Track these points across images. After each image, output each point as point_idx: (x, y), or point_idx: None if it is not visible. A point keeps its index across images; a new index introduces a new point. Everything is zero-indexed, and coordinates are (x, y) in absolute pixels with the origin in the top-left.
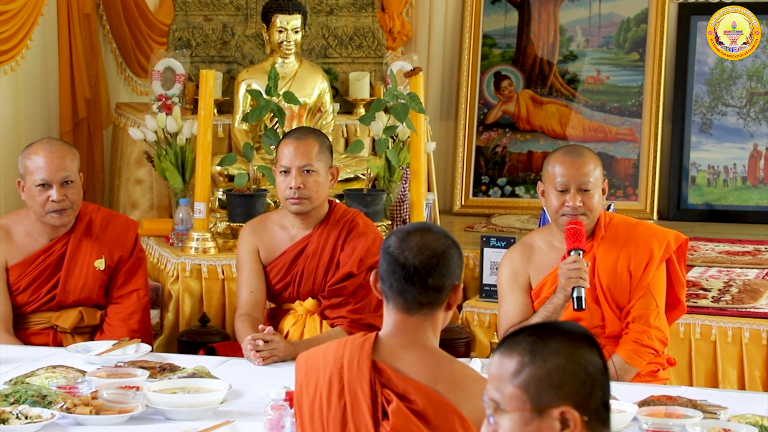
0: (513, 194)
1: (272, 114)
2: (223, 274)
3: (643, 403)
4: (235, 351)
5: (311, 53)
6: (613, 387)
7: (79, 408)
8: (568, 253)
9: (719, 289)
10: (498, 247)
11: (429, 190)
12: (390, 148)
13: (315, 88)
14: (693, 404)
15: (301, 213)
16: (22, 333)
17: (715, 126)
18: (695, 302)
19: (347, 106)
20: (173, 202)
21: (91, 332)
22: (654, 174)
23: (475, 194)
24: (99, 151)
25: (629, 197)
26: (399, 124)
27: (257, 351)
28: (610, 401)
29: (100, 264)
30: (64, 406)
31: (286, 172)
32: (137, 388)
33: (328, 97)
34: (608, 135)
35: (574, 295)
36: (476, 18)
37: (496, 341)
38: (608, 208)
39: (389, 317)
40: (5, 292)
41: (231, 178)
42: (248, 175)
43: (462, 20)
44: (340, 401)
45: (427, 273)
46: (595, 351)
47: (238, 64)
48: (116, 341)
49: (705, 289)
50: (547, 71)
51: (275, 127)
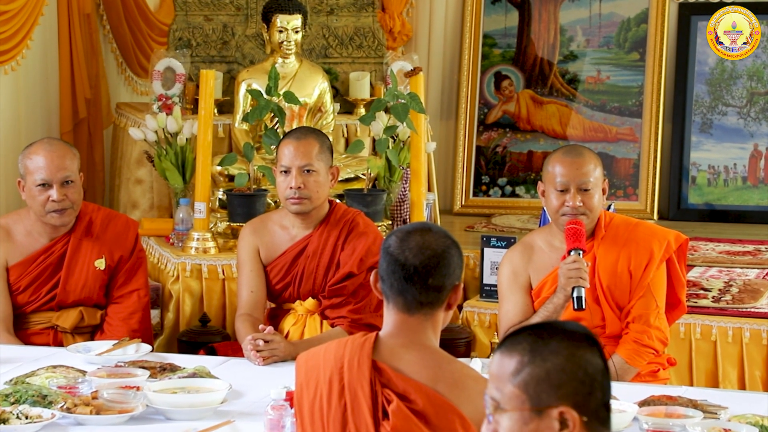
0: (513, 194)
1: (272, 114)
2: (223, 274)
3: (643, 403)
4: (236, 351)
5: (311, 53)
6: (613, 387)
7: (80, 408)
8: (568, 252)
9: (719, 289)
10: (498, 247)
11: (429, 190)
12: (390, 148)
13: (315, 88)
14: (693, 404)
15: (302, 213)
16: (22, 333)
17: (716, 126)
18: (695, 302)
19: (347, 106)
20: (173, 202)
21: (92, 332)
22: (654, 174)
23: (475, 194)
24: (99, 151)
25: (629, 197)
26: (399, 124)
27: (257, 351)
28: (610, 401)
29: (101, 264)
30: (65, 406)
31: (287, 172)
32: (137, 388)
33: (328, 97)
34: (608, 135)
35: (574, 295)
36: (476, 18)
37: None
38: (608, 208)
39: (389, 317)
40: (5, 292)
41: (231, 178)
42: (248, 175)
43: (462, 20)
44: (341, 401)
45: (428, 273)
46: (596, 351)
47: (238, 64)
48: (117, 341)
49: (705, 289)
50: (547, 71)
51: (275, 127)
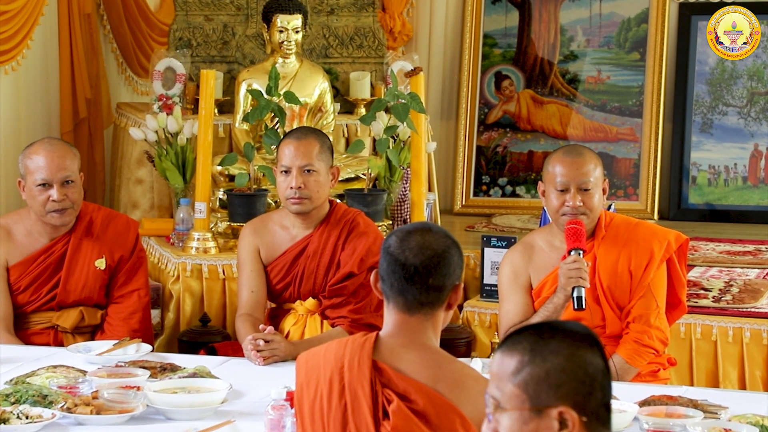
0: (514, 194)
1: (273, 114)
2: (223, 273)
3: (643, 403)
4: (236, 351)
5: (312, 53)
6: (613, 387)
7: (80, 408)
8: (569, 252)
9: (720, 289)
10: (499, 247)
11: (430, 189)
12: (391, 148)
13: (316, 87)
14: (694, 404)
15: (302, 213)
16: (22, 333)
17: (716, 126)
18: (696, 302)
19: (348, 106)
20: (174, 201)
21: (92, 332)
22: (655, 174)
23: (475, 194)
24: (100, 151)
25: (630, 197)
26: (400, 124)
27: (258, 351)
28: (611, 401)
29: (101, 263)
30: (65, 406)
31: (287, 171)
32: (138, 388)
33: (328, 97)
34: (609, 135)
35: (575, 294)
36: (477, 18)
37: (497, 341)
38: (609, 207)
39: (390, 317)
40: (6, 292)
41: (232, 177)
42: (249, 174)
43: (463, 20)
44: (341, 401)
45: (428, 273)
46: (597, 352)
47: (238, 64)
48: (117, 341)
49: (706, 289)
50: (547, 71)
51: (276, 127)
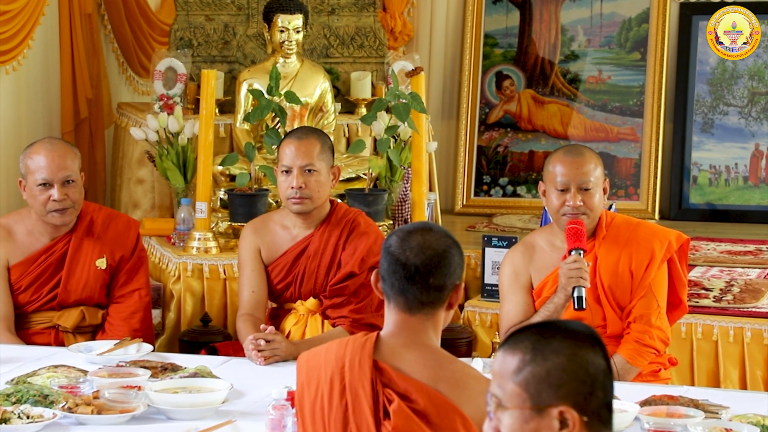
0: (514, 194)
1: (274, 114)
2: (224, 273)
3: (644, 403)
4: (237, 351)
5: (313, 53)
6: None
7: (81, 408)
8: (569, 252)
9: (721, 289)
10: (499, 246)
11: (430, 189)
12: (391, 147)
13: (316, 87)
14: (695, 404)
15: (303, 213)
16: (23, 332)
17: (717, 126)
18: (697, 302)
19: (349, 106)
20: (175, 201)
21: (93, 332)
22: (655, 174)
23: (476, 194)
24: (100, 150)
25: (631, 197)
26: (400, 124)
27: (259, 351)
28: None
29: (102, 263)
30: (66, 406)
31: (288, 171)
32: (139, 388)
33: (329, 97)
34: (610, 135)
35: (575, 294)
36: (478, 18)
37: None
38: (610, 207)
39: (390, 317)
40: (7, 292)
41: (232, 177)
42: (250, 174)
43: (463, 20)
44: (342, 401)
45: (428, 272)
46: (599, 351)
47: (239, 64)
48: (118, 341)
49: (706, 289)
50: (548, 71)
51: (277, 127)
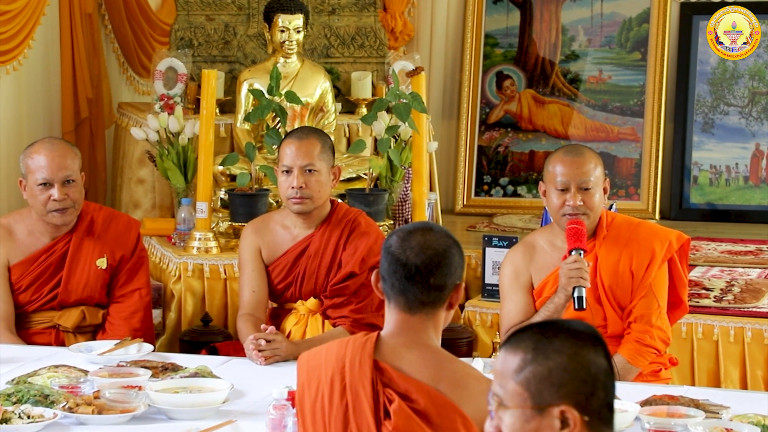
0: (515, 194)
1: (274, 114)
2: (225, 273)
3: (645, 403)
4: (238, 351)
5: (313, 53)
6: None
7: (82, 407)
8: (569, 252)
9: (721, 289)
10: (500, 246)
11: (431, 189)
12: (392, 147)
13: (317, 87)
14: (695, 404)
15: (303, 213)
16: (24, 332)
17: (717, 125)
18: (697, 302)
19: (349, 106)
20: (175, 201)
21: (93, 331)
22: (656, 173)
23: (477, 194)
24: (101, 150)
25: (631, 197)
26: (401, 124)
27: (259, 351)
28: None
29: (102, 263)
30: (67, 406)
31: (288, 171)
32: (139, 388)
33: (330, 97)
34: (610, 135)
35: (575, 294)
36: (478, 17)
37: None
38: (610, 207)
39: (391, 317)
40: (7, 292)
41: (233, 177)
42: (250, 174)
43: (464, 20)
44: (342, 401)
45: (429, 272)
46: (600, 351)
47: (240, 64)
48: (118, 341)
49: (707, 289)
50: (549, 71)
51: (277, 127)
